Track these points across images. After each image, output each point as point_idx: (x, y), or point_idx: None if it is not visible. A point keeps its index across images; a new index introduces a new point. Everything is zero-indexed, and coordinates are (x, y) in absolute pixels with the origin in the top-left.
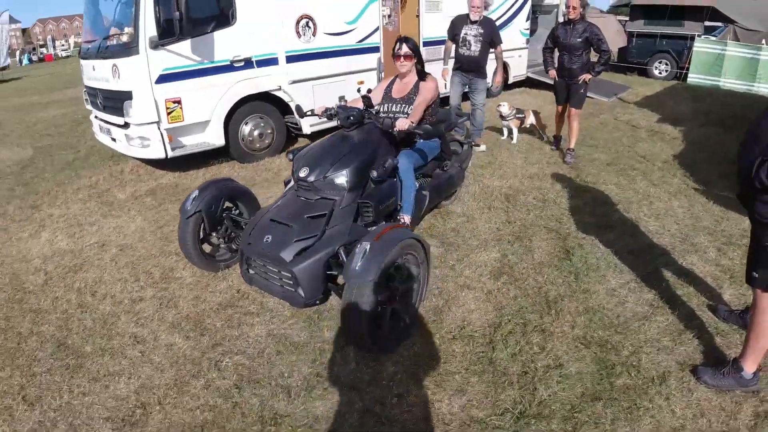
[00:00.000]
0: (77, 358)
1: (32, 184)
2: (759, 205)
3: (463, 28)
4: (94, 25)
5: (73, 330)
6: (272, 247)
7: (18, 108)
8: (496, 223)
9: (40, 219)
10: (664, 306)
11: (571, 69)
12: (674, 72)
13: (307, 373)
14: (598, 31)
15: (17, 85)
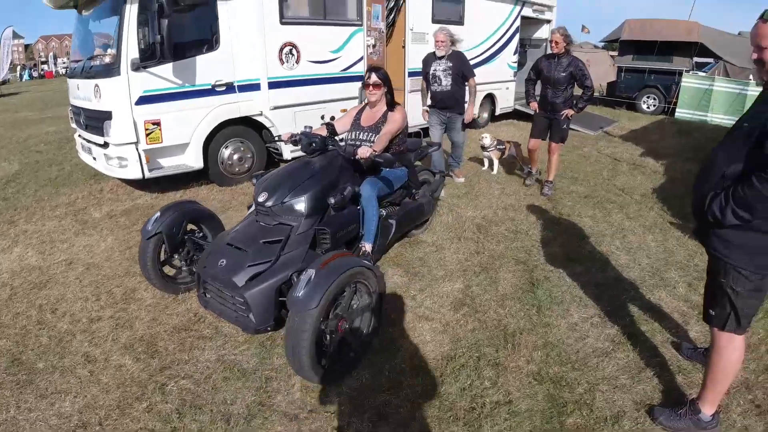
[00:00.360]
0: (29, 374)
1: (12, 200)
2: (714, 240)
3: (432, 65)
4: (81, 45)
5: (29, 346)
6: (226, 271)
7: (11, 123)
8: (465, 254)
9: (15, 234)
10: (625, 342)
11: (555, 103)
12: (662, 107)
13: (250, 401)
14: (582, 66)
15: (14, 100)
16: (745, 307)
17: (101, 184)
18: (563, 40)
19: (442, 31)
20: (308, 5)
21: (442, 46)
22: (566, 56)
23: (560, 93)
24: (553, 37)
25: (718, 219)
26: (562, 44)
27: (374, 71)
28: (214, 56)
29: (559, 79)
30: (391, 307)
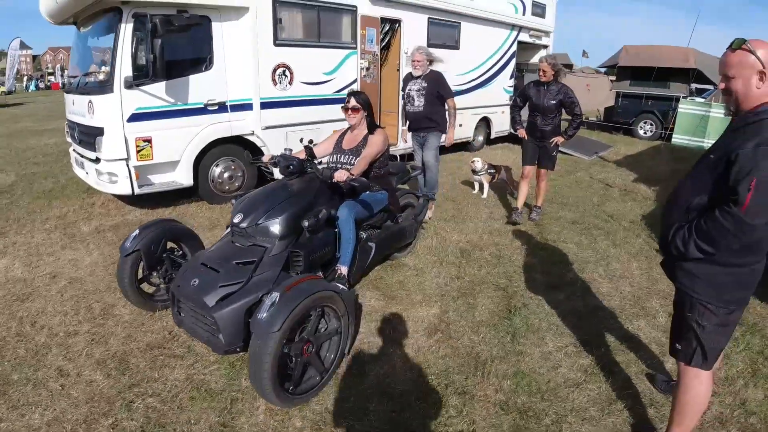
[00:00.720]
0: (2, 384)
1: (5, 211)
2: (679, 273)
3: (408, 85)
4: (79, 60)
5: (6, 357)
6: (197, 291)
7: (12, 134)
8: (445, 278)
9: (3, 246)
10: (598, 373)
11: (544, 131)
12: (659, 132)
13: (213, 421)
14: (572, 94)
15: (18, 110)
16: (711, 343)
17: (93, 198)
18: (551, 69)
19: (419, 51)
20: (302, 28)
21: (419, 66)
22: (555, 83)
23: (550, 120)
24: (541, 66)
25: (681, 252)
26: (550, 72)
27: (353, 95)
28: (207, 76)
29: (548, 107)
30: (364, 330)
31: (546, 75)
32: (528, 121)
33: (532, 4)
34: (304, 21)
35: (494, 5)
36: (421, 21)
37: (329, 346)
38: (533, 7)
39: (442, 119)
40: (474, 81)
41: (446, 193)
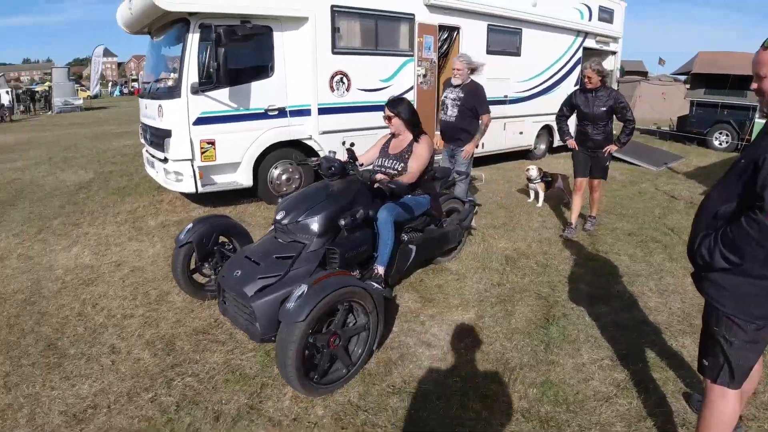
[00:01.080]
0: (60, 357)
1: (81, 204)
2: (706, 284)
3: (446, 91)
4: (152, 67)
5: (66, 334)
6: (239, 282)
7: (95, 135)
8: (486, 284)
9: (77, 236)
10: (631, 388)
11: (596, 140)
12: (735, 144)
13: (242, 403)
14: (622, 99)
15: (102, 114)
16: (739, 360)
17: (162, 195)
18: (597, 75)
19: (460, 59)
20: (360, 36)
21: (459, 75)
22: (604, 89)
23: (601, 129)
24: (586, 73)
25: (706, 261)
26: (596, 79)
27: (388, 104)
28: (268, 83)
29: (599, 115)
30: (397, 330)
31: (592, 82)
32: (577, 130)
33: (599, 9)
34: (361, 29)
35: (558, 11)
36: (481, 28)
37: (357, 342)
38: (600, 12)
39: (475, 132)
40: (536, 88)
41: (500, 201)
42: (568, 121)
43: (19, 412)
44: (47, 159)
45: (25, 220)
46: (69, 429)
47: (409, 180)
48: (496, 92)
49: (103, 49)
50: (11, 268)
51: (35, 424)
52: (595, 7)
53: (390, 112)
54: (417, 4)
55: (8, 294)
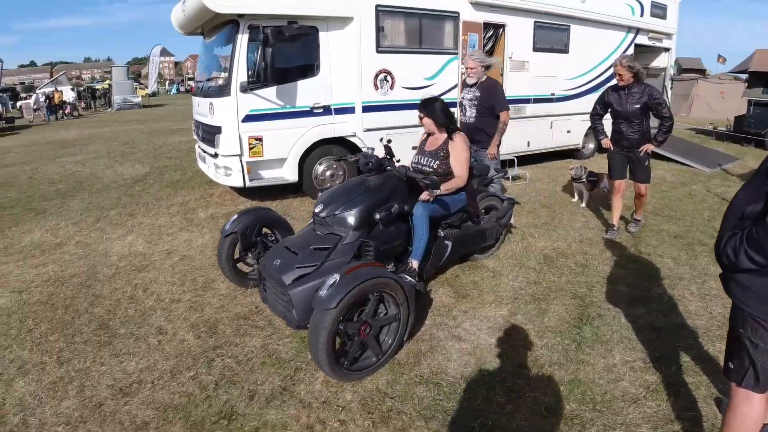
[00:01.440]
0: (110, 336)
1: (137, 196)
2: (732, 285)
3: (462, 93)
4: (204, 67)
5: (118, 315)
6: (278, 270)
7: (152, 131)
8: (521, 282)
9: (131, 225)
10: (662, 391)
11: (631, 139)
12: None
13: (276, 385)
14: (657, 95)
15: (159, 111)
16: (765, 363)
17: (213, 189)
18: (628, 72)
19: (472, 57)
20: (404, 35)
21: (473, 74)
22: (637, 85)
23: (636, 127)
24: (616, 69)
25: (732, 262)
26: (628, 76)
27: (420, 104)
28: (314, 81)
29: (633, 113)
30: (429, 323)
31: (623, 79)
32: (612, 129)
33: (651, 4)
34: (406, 28)
35: (608, 7)
36: (527, 25)
37: (388, 332)
38: (653, 7)
39: (494, 133)
40: (585, 86)
41: (543, 200)
42: (603, 119)
43: (69, 384)
44: (106, 153)
45: (84, 210)
46: (115, 401)
47: (459, 184)
48: (542, 90)
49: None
50: (69, 253)
51: (84, 395)
52: (647, 3)
53: (420, 112)
54: (462, 2)
55: (66, 277)
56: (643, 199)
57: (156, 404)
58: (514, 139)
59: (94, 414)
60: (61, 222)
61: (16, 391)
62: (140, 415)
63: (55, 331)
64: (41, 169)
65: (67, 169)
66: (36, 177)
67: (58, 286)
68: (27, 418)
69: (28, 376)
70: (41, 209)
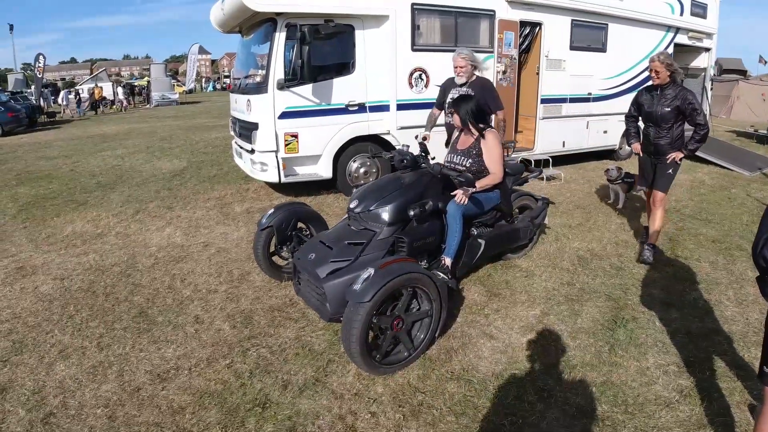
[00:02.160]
0: (149, 324)
1: (175, 190)
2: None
3: (450, 93)
4: (242, 64)
5: (156, 304)
6: (313, 264)
7: (189, 127)
8: (554, 283)
9: (170, 218)
10: (696, 396)
11: (658, 145)
12: None
13: (309, 375)
14: (692, 98)
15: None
16: None
17: (248, 184)
18: (665, 69)
19: (461, 56)
20: (439, 33)
21: (462, 73)
22: (672, 87)
23: (665, 132)
24: (653, 66)
25: None
26: (665, 73)
27: (452, 102)
28: (349, 79)
29: (663, 116)
30: (460, 320)
31: (659, 77)
32: (642, 133)
33: (691, 3)
34: (441, 26)
35: (647, 5)
36: (564, 23)
37: (420, 327)
38: (693, 6)
39: None
40: (622, 85)
41: (578, 201)
42: (638, 122)
43: (109, 369)
44: (145, 148)
45: (123, 202)
46: (153, 386)
47: (495, 180)
48: (579, 89)
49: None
50: (110, 244)
51: (123, 380)
52: (687, 2)
53: (453, 110)
54: (498, 0)
55: (106, 266)
56: (657, 211)
57: (192, 390)
58: (549, 139)
59: (132, 398)
60: (102, 213)
61: (57, 374)
62: (177, 400)
63: (96, 318)
64: (82, 162)
65: (108, 163)
66: (77, 170)
67: (99, 275)
68: (67, 400)
69: (69, 360)
70: (82, 201)
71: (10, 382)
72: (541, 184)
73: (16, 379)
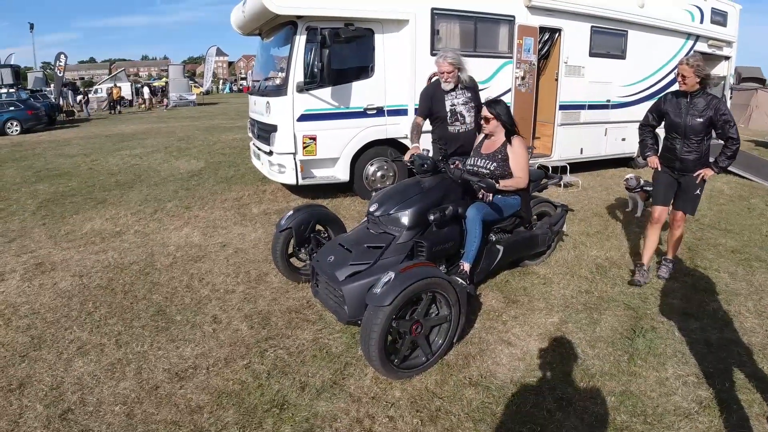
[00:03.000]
0: (167, 323)
1: (192, 190)
2: None
3: (447, 99)
4: (261, 67)
5: (174, 302)
6: (332, 266)
7: (206, 128)
8: (573, 291)
9: (188, 217)
10: (714, 407)
11: (686, 160)
12: None
13: (326, 378)
14: (725, 109)
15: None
16: None
17: (266, 186)
18: (694, 74)
19: (446, 59)
20: (459, 38)
21: (450, 79)
22: (703, 95)
23: (694, 146)
24: (680, 69)
25: None
26: (693, 79)
27: (486, 105)
28: (368, 83)
29: (693, 127)
30: (478, 326)
31: (687, 83)
32: (664, 145)
33: (711, 11)
34: (460, 31)
35: (667, 12)
36: (584, 30)
37: (438, 332)
38: (713, 14)
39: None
40: (642, 93)
41: (596, 209)
42: (654, 132)
43: (127, 366)
44: (163, 148)
45: (142, 201)
46: (171, 384)
47: (519, 185)
48: (598, 96)
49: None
50: (128, 242)
51: (141, 378)
52: (707, 9)
53: (489, 113)
54: (518, 6)
55: (125, 264)
56: (676, 232)
57: (210, 390)
58: (566, 145)
59: (150, 396)
60: (121, 211)
61: (75, 370)
62: (195, 399)
63: (114, 315)
64: (101, 160)
65: (126, 162)
66: (96, 168)
67: (118, 273)
68: (85, 397)
69: (87, 357)
70: (101, 199)
71: (28, 377)
72: (558, 191)
73: (34, 374)
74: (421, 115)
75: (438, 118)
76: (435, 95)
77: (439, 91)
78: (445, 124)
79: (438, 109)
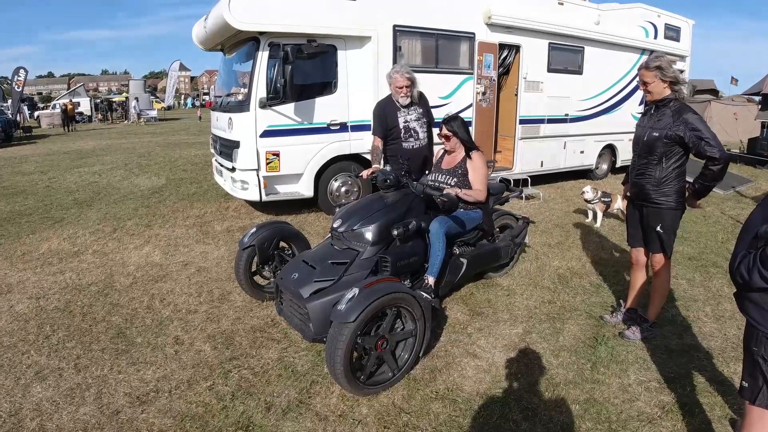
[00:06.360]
0: (128, 345)
1: (153, 207)
2: (746, 303)
3: (399, 116)
4: (223, 82)
5: (135, 324)
6: (296, 283)
7: (168, 144)
8: (536, 301)
9: (148, 236)
10: (677, 411)
11: (636, 184)
12: None
13: (293, 397)
14: (698, 124)
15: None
16: None
17: (228, 203)
18: (658, 78)
19: (402, 74)
20: (421, 54)
21: (406, 94)
22: (670, 105)
23: (651, 167)
24: (640, 75)
25: (745, 280)
26: (659, 85)
27: (444, 123)
28: (331, 99)
29: (648, 143)
30: (444, 340)
31: (651, 90)
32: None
33: (664, 27)
34: (422, 48)
35: (622, 29)
36: (542, 46)
37: (404, 347)
38: (666, 30)
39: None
40: (598, 107)
41: (557, 220)
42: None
43: (87, 391)
44: (123, 165)
45: (101, 220)
46: (132, 409)
47: (478, 197)
48: (556, 110)
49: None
50: (87, 262)
51: (101, 402)
52: (660, 25)
53: (447, 130)
54: (478, 24)
55: (83, 285)
56: (657, 280)
57: (173, 413)
58: (527, 159)
59: (111, 421)
60: (79, 231)
61: (34, 396)
62: (157, 424)
63: (73, 338)
64: (59, 178)
65: (85, 179)
66: (53, 186)
67: (76, 294)
68: (44, 423)
69: (46, 382)
70: (59, 218)
71: None
72: (520, 203)
73: None
74: (380, 135)
75: (392, 135)
76: (388, 112)
77: (390, 107)
78: (399, 140)
79: (392, 126)
